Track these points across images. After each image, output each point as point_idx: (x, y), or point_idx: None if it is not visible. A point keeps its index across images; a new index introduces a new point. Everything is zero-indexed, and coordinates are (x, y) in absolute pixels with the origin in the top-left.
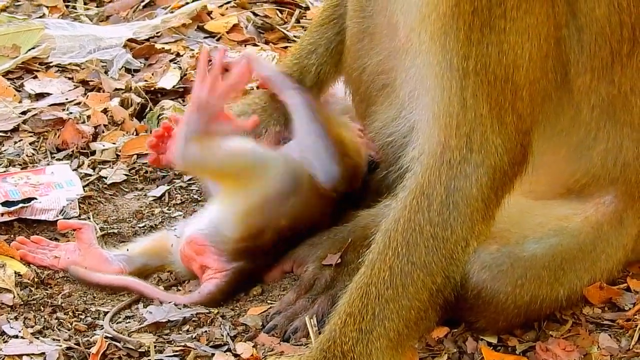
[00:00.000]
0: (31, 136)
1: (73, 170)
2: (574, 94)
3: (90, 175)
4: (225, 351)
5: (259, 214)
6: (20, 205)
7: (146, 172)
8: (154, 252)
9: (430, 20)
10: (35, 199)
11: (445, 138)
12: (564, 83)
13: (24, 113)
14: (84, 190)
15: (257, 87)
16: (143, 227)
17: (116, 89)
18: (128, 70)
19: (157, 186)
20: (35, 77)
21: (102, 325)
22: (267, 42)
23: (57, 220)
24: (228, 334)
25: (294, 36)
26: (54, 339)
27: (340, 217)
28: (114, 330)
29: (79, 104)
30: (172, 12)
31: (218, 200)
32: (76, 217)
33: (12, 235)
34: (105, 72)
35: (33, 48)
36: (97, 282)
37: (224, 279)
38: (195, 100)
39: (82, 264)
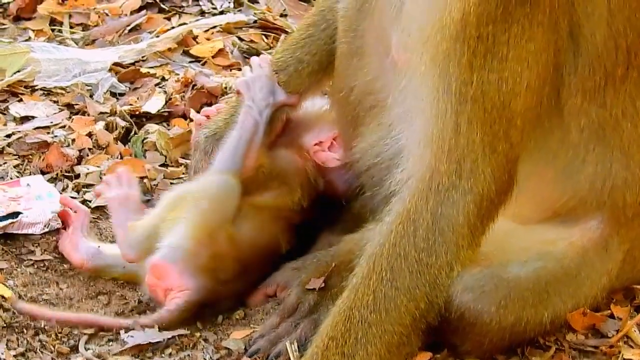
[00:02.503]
0: (16, 159)
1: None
2: (564, 115)
3: (75, 198)
4: None
5: (207, 222)
6: (9, 220)
7: None
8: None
9: (434, 43)
10: (22, 213)
11: (436, 163)
12: (555, 104)
13: (8, 136)
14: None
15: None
16: None
17: (101, 113)
18: (113, 94)
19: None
20: (21, 100)
21: (85, 348)
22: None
23: (43, 234)
24: (211, 357)
25: None
26: None
27: (315, 241)
28: (92, 354)
29: (63, 127)
30: (157, 37)
31: (167, 228)
32: (60, 227)
33: None
34: (91, 96)
35: (18, 71)
36: (50, 318)
37: (185, 298)
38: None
39: (61, 245)
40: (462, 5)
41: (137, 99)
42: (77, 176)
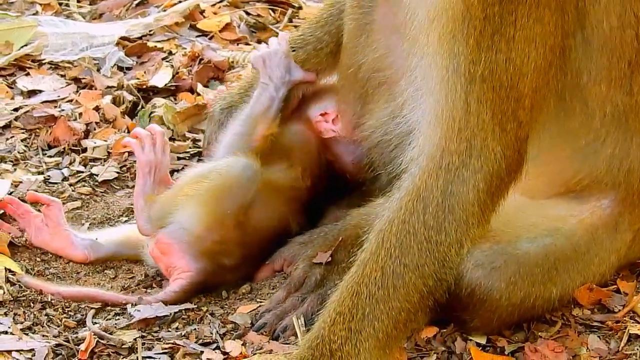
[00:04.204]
0: (23, 133)
1: (65, 167)
2: (588, 101)
3: (82, 172)
4: (214, 349)
5: (219, 207)
6: None
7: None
8: (128, 242)
9: (439, 23)
10: None
11: (446, 142)
12: (577, 90)
13: (15, 110)
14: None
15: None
16: (134, 224)
17: (108, 87)
18: (120, 68)
19: None
20: (28, 74)
21: (92, 322)
22: (259, 42)
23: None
24: (217, 331)
25: None
26: (43, 336)
27: (322, 216)
28: (99, 328)
29: (70, 101)
30: (164, 11)
31: (180, 205)
32: None
33: None
34: (98, 70)
35: (26, 45)
36: (56, 293)
37: (189, 280)
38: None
39: (49, 245)
40: None
41: (144, 73)
42: (84, 150)
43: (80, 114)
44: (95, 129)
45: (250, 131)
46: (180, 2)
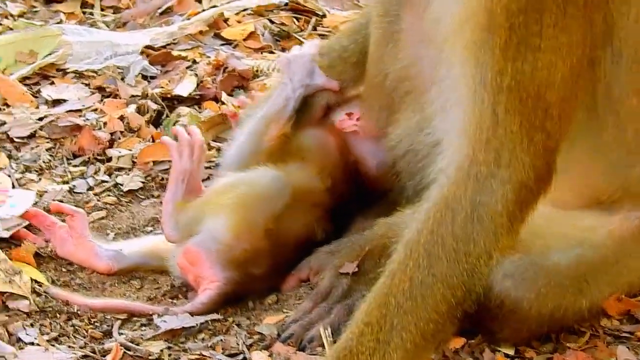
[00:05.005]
0: (48, 142)
1: (90, 176)
2: (620, 115)
3: (107, 182)
4: None
5: (249, 216)
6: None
7: (162, 179)
8: (153, 253)
9: (464, 32)
10: None
11: (474, 152)
12: (609, 104)
13: (40, 119)
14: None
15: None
16: (159, 234)
17: (133, 96)
18: (145, 77)
19: None
20: (52, 83)
21: (118, 333)
22: (283, 50)
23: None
24: (244, 342)
25: None
26: (69, 346)
27: (348, 226)
28: (125, 339)
29: (95, 110)
30: (189, 19)
31: (208, 215)
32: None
33: None
34: (122, 79)
35: (50, 54)
36: (82, 305)
37: (217, 290)
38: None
39: (74, 255)
40: None
41: (169, 81)
42: (109, 159)
43: (105, 123)
44: (120, 138)
45: (264, 130)
46: (204, 10)
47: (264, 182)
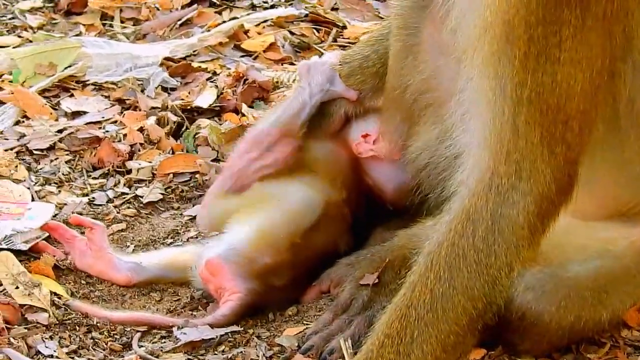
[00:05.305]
0: (67, 154)
1: (109, 188)
2: None
3: (127, 194)
4: None
5: (274, 231)
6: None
7: (182, 191)
8: (172, 265)
9: (483, 44)
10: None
11: (495, 164)
12: (631, 118)
13: (60, 131)
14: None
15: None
16: (179, 246)
17: (152, 108)
18: (164, 89)
19: (193, 205)
20: (72, 95)
21: (138, 345)
22: None
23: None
24: (264, 354)
25: None
26: (89, 359)
27: (369, 238)
28: (145, 351)
29: (115, 122)
30: (208, 31)
31: (234, 224)
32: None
33: None
34: (142, 91)
35: (70, 66)
36: (101, 317)
37: (238, 302)
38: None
39: (93, 268)
40: (507, 6)
41: (189, 93)
42: (129, 171)
43: (125, 135)
44: (139, 150)
45: (276, 132)
46: (224, 22)
47: (295, 200)
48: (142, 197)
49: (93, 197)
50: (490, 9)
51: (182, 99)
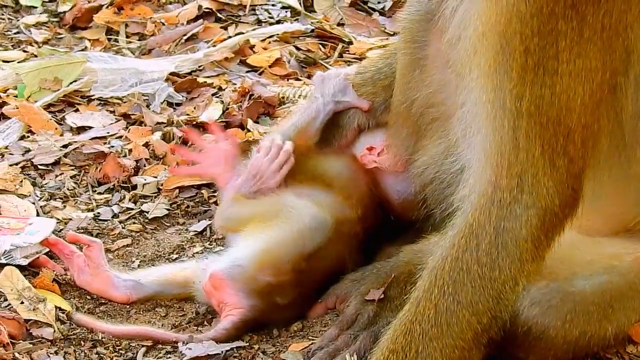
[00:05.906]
0: (72, 169)
1: (115, 204)
2: None
3: (132, 209)
4: None
5: (279, 251)
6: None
7: (188, 206)
8: (172, 281)
9: (481, 56)
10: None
11: (496, 178)
12: (636, 134)
13: (65, 146)
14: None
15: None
16: (182, 262)
17: (158, 123)
18: (170, 104)
19: (199, 221)
20: (77, 110)
21: None
22: (309, 77)
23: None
24: None
25: None
26: None
27: (374, 253)
28: None
29: (120, 137)
30: (214, 46)
31: (241, 237)
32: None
33: None
34: (147, 106)
35: (75, 81)
36: (106, 332)
37: (240, 317)
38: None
39: (91, 285)
40: (502, 17)
41: (194, 108)
42: (134, 187)
43: (130, 150)
44: (145, 166)
45: (290, 140)
46: (229, 37)
47: (304, 221)
48: (147, 212)
49: (98, 213)
50: (481, 20)
51: (188, 114)
